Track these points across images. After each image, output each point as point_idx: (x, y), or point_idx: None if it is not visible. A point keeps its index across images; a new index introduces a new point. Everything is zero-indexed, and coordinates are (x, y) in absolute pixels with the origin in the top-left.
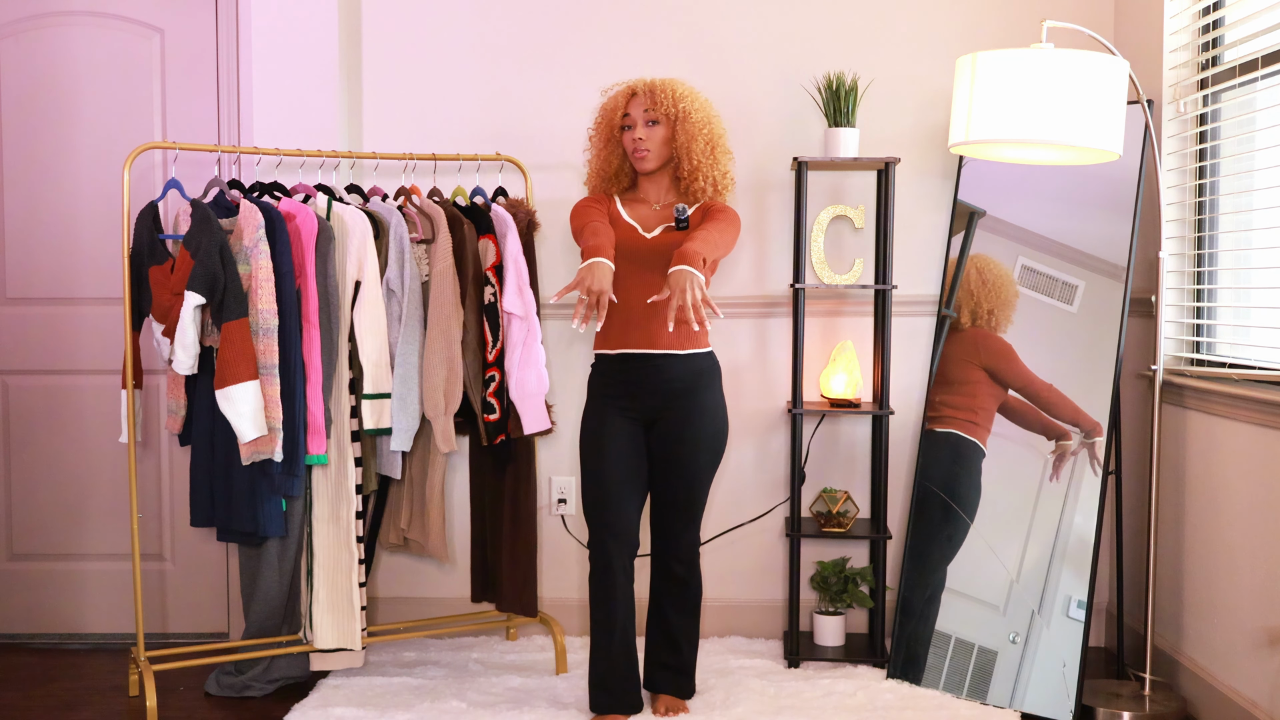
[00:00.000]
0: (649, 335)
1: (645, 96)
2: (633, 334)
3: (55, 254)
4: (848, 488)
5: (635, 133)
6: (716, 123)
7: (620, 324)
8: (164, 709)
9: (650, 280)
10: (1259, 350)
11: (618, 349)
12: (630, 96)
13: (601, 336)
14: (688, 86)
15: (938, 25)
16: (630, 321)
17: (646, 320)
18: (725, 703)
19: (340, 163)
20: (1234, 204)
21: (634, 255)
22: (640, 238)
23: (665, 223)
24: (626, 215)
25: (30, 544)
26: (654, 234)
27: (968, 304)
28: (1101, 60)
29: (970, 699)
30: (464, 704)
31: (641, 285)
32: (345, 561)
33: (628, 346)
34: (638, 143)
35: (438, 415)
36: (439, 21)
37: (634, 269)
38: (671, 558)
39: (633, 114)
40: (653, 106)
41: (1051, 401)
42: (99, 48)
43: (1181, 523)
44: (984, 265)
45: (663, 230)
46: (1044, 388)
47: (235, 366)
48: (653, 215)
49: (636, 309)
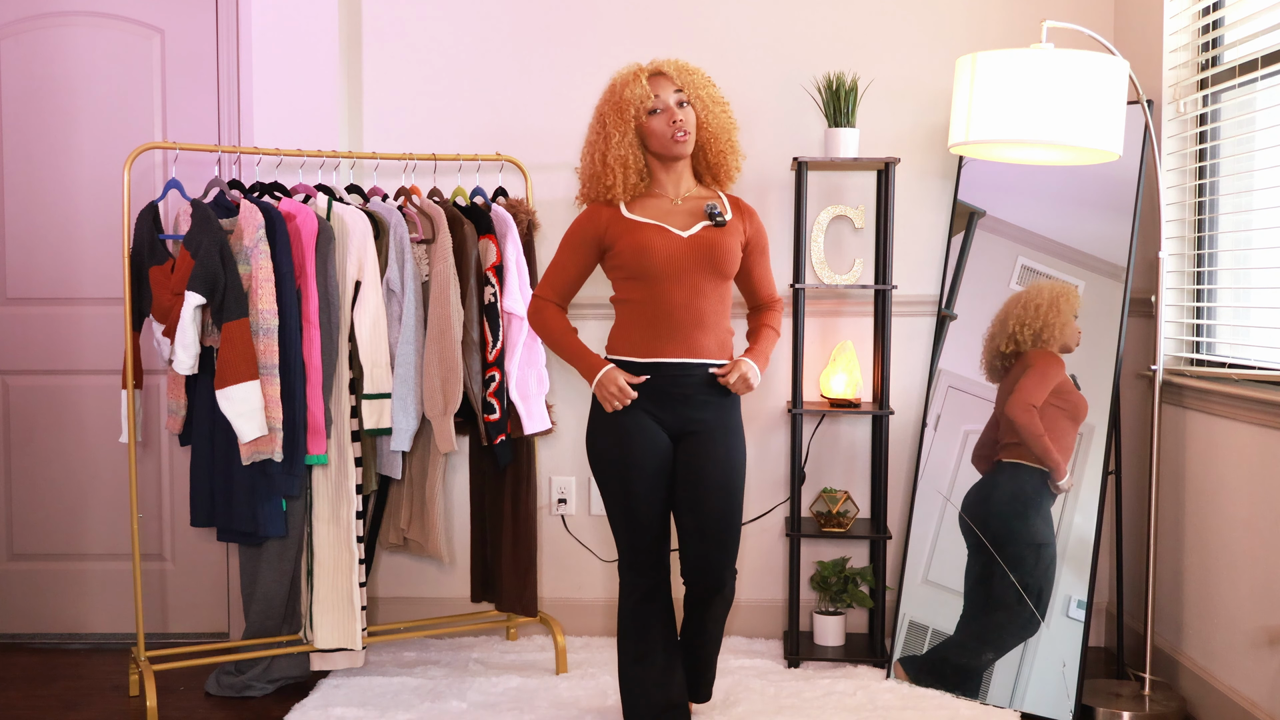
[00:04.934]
0: (690, 344)
1: (676, 76)
2: (671, 343)
3: (55, 254)
4: (848, 488)
5: (673, 114)
6: (722, 95)
7: (658, 330)
8: (164, 709)
9: (691, 281)
10: (1259, 350)
11: (649, 358)
12: (656, 75)
13: (625, 341)
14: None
15: (938, 25)
16: (670, 325)
17: (688, 328)
18: (725, 703)
19: (340, 163)
20: (1234, 204)
21: (671, 257)
22: (676, 237)
23: (698, 219)
24: (644, 217)
25: (30, 544)
26: (691, 232)
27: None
28: (1101, 60)
29: (970, 699)
30: (464, 704)
31: (683, 288)
32: (345, 561)
33: (664, 355)
34: (679, 124)
35: (438, 415)
36: (439, 21)
37: (672, 271)
38: (715, 591)
39: (663, 95)
40: (685, 86)
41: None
42: (99, 48)
43: (1181, 523)
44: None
45: (702, 228)
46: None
47: (235, 366)
48: (679, 211)
49: (679, 314)
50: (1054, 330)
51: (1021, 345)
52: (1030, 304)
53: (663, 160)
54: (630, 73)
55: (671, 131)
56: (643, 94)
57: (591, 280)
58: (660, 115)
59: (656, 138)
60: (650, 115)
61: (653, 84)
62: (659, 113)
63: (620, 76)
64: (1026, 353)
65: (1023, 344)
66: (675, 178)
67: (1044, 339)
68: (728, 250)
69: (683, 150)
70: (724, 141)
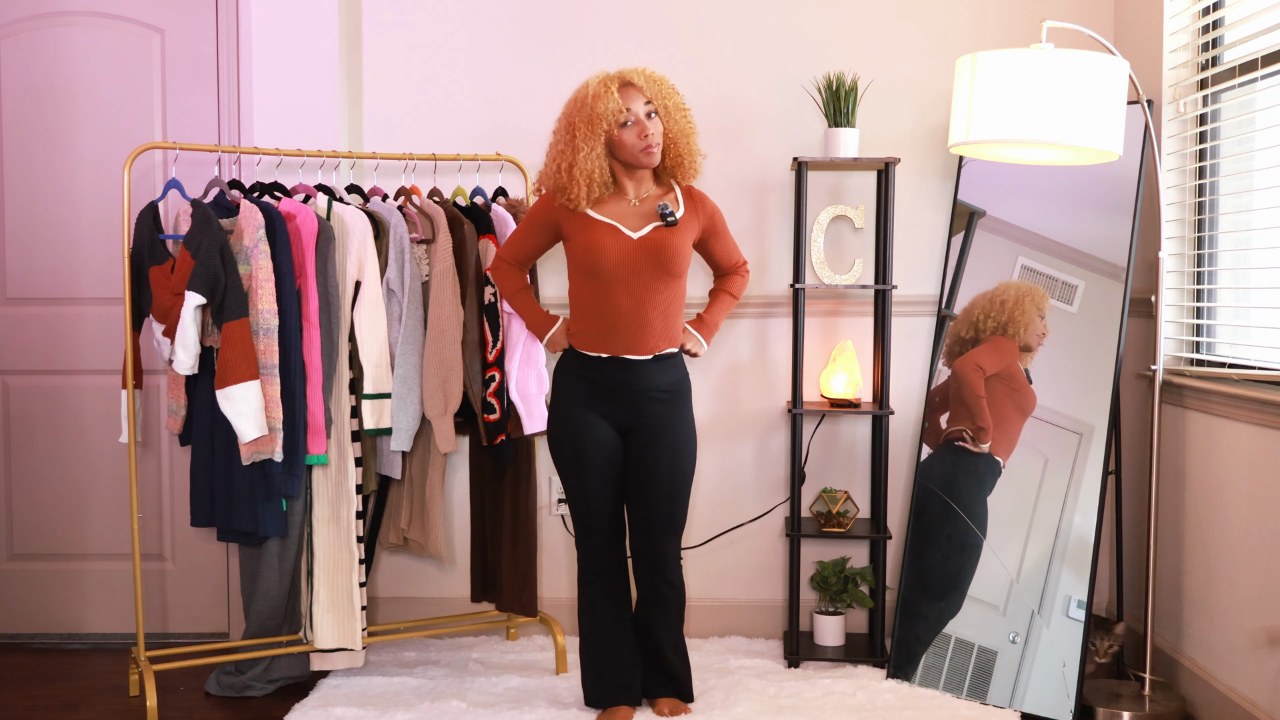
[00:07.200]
0: (633, 343)
1: (646, 87)
2: (618, 339)
3: (55, 254)
4: (848, 488)
5: (645, 127)
6: (684, 101)
7: (606, 328)
8: (164, 709)
9: (640, 281)
10: (1259, 350)
11: (600, 352)
12: (625, 86)
13: (580, 335)
14: (658, 71)
15: (938, 25)
16: (616, 326)
17: (635, 331)
18: (725, 703)
19: (340, 163)
20: (1234, 204)
21: (621, 256)
22: (626, 238)
23: (650, 219)
24: (600, 215)
25: (30, 544)
26: (642, 233)
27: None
28: (1101, 60)
29: (970, 699)
30: (464, 704)
31: (629, 288)
32: (345, 561)
33: (613, 351)
34: (649, 138)
35: (438, 415)
36: (439, 21)
37: (621, 272)
38: (658, 577)
39: (634, 107)
40: (654, 97)
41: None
42: (99, 48)
43: (1181, 523)
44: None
45: (652, 229)
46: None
47: (236, 366)
48: (634, 212)
49: (626, 317)
50: (1018, 327)
51: (982, 334)
52: (997, 299)
53: (628, 167)
54: (601, 84)
55: (642, 145)
56: (615, 108)
57: (556, 284)
58: (631, 128)
59: (626, 149)
60: (621, 128)
61: (623, 95)
62: (630, 125)
63: (592, 89)
64: (985, 338)
65: (983, 332)
66: (637, 181)
67: (1007, 333)
68: (676, 251)
69: (651, 162)
70: (683, 146)
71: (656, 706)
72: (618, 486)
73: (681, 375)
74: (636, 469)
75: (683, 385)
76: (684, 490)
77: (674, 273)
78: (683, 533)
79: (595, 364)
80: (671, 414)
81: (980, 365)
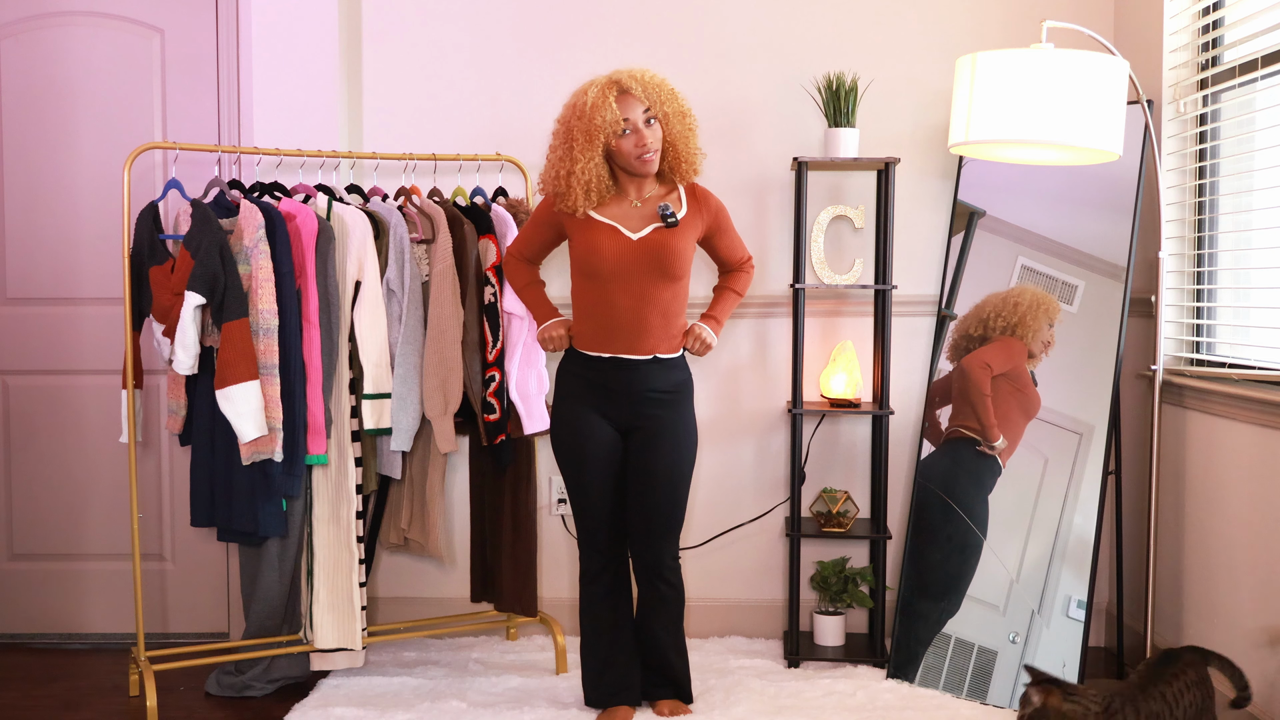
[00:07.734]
0: (632, 344)
1: (644, 94)
2: (618, 340)
3: (55, 254)
4: (848, 488)
5: (642, 136)
6: (686, 102)
7: (606, 329)
8: (164, 709)
9: (639, 283)
10: (1259, 350)
11: (600, 352)
12: (622, 95)
13: (581, 336)
14: (657, 73)
15: (937, 25)
16: (615, 327)
17: (634, 333)
18: (725, 703)
19: (340, 163)
20: (1234, 204)
21: (620, 258)
22: (626, 239)
23: (651, 220)
24: (601, 215)
25: (30, 544)
26: (642, 234)
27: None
28: (1101, 60)
29: (970, 699)
30: (464, 704)
31: (629, 289)
32: (345, 561)
33: (613, 352)
34: (646, 146)
35: (438, 415)
36: (439, 22)
37: (619, 274)
38: (656, 576)
39: (632, 116)
40: (652, 104)
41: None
42: (99, 48)
43: (1181, 523)
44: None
45: (652, 230)
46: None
47: (235, 366)
48: (636, 213)
49: (624, 319)
50: (1027, 331)
51: (991, 332)
52: (1010, 301)
53: (628, 172)
54: (599, 94)
55: (639, 153)
56: (613, 119)
57: (559, 284)
58: (629, 137)
59: (625, 157)
60: (620, 137)
61: (621, 104)
62: (628, 134)
63: (590, 99)
64: (994, 338)
65: (993, 331)
66: (638, 183)
67: (1017, 334)
68: (676, 253)
69: (648, 170)
70: (682, 148)
71: (656, 707)
72: (618, 487)
73: (683, 377)
74: (635, 470)
75: (684, 387)
76: (682, 492)
77: (674, 275)
78: (680, 533)
79: (595, 364)
80: (672, 415)
81: (988, 363)
